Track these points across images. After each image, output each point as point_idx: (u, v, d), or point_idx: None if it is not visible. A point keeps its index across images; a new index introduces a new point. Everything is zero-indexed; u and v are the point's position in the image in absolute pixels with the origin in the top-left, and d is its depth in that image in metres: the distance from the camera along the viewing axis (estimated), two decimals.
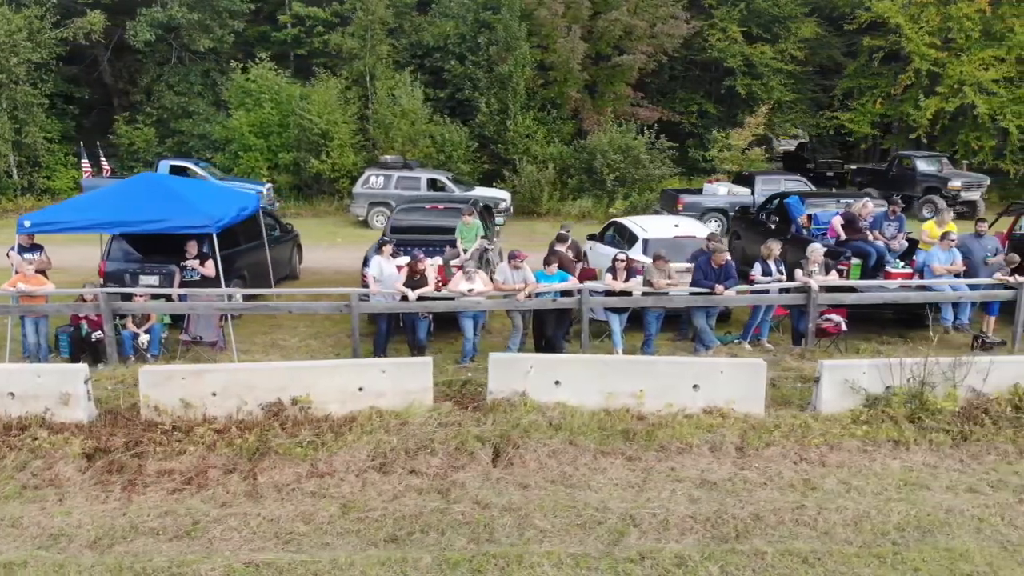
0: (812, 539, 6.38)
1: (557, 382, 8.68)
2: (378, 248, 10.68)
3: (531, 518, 6.57)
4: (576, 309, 10.59)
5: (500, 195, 22.55)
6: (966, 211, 24.59)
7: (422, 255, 10.29)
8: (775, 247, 11.22)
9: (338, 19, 27.94)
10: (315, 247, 18.00)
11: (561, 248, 11.24)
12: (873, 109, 28.19)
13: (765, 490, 7.16)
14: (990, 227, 13.97)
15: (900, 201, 12.86)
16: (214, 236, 10.35)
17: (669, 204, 21.54)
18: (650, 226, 12.87)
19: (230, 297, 10.88)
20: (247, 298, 11.80)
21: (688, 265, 11.10)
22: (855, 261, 11.80)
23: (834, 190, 19.93)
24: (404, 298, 10.11)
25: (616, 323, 10.79)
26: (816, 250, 10.94)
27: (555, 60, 25.06)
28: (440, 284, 10.45)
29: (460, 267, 10.66)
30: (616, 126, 25.09)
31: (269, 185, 22.71)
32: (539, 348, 10.74)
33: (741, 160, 25.91)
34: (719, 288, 10.46)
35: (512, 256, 10.40)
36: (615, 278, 10.65)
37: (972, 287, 11.29)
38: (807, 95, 30.19)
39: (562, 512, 6.68)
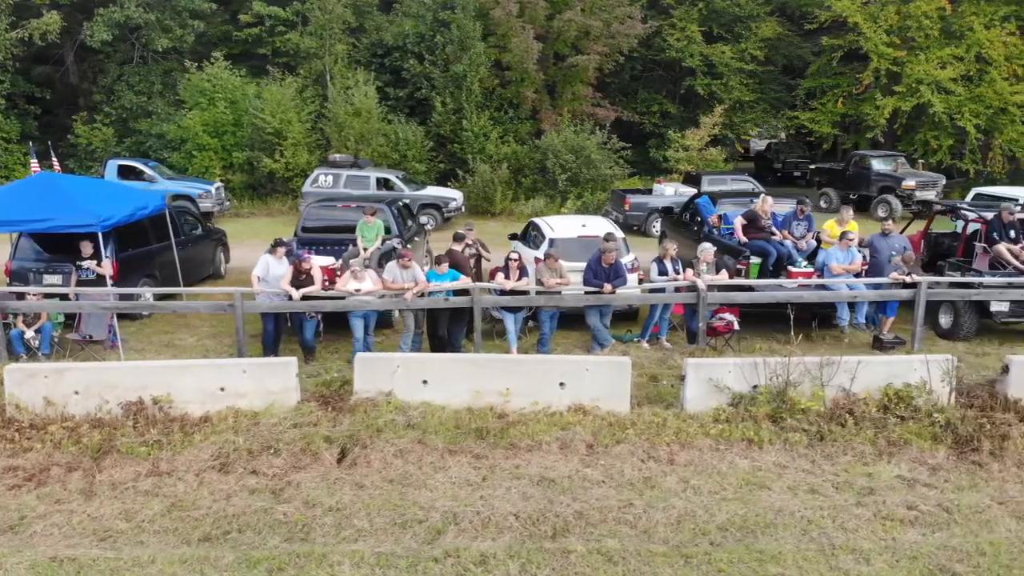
0: (630, 538, 6.37)
1: (425, 381, 8.69)
2: (271, 248, 10.67)
3: (353, 518, 6.57)
4: (472, 308, 10.60)
5: (451, 195, 22.56)
6: (923, 211, 24.57)
7: (307, 254, 10.29)
8: (671, 247, 11.25)
9: (299, 18, 27.98)
10: (259, 246, 18.00)
11: (457, 247, 11.23)
12: (835, 109, 28.10)
13: (601, 488, 7.15)
14: (907, 227, 14.02)
15: (808, 201, 12.83)
16: (99, 235, 10.36)
17: (618, 204, 21.56)
18: (558, 226, 12.86)
19: (123, 297, 10.89)
20: (157, 297, 11.85)
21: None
22: (754, 260, 11.80)
23: (754, 190, 19.86)
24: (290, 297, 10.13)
25: (511, 322, 10.78)
26: (706, 249, 10.95)
27: (511, 60, 25.05)
28: (327, 283, 10.44)
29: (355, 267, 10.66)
30: (573, 126, 25.06)
31: (218, 184, 22.71)
32: (434, 348, 10.75)
33: (697, 160, 25.90)
34: (607, 287, 10.47)
35: (400, 255, 10.41)
36: (507, 277, 10.65)
37: (874, 287, 11.29)
38: (770, 95, 30.11)
39: (387, 511, 6.67)
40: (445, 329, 10.64)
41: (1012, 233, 11.88)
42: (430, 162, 25.20)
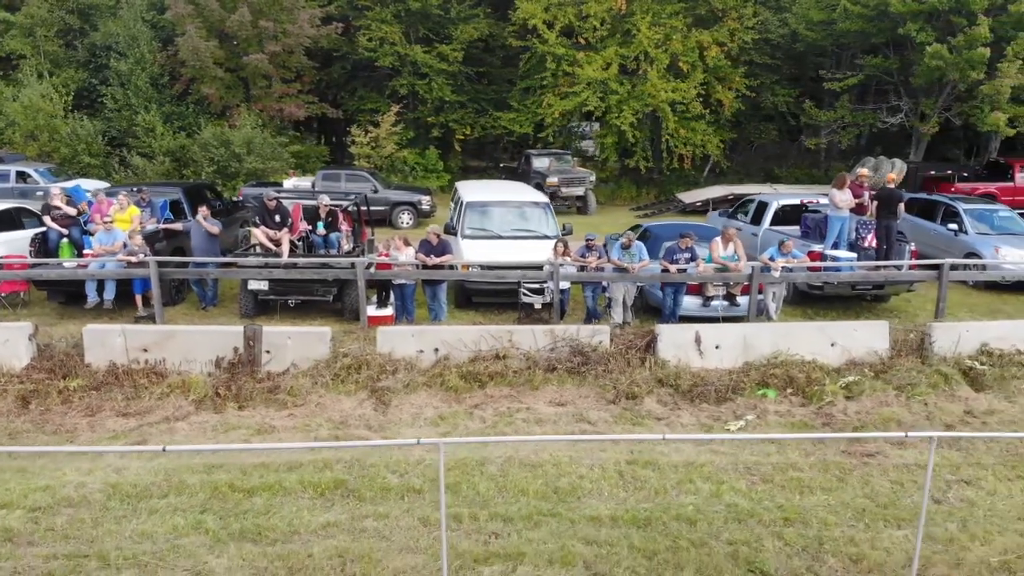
0: None
1: None
2: None
3: None
4: None
5: (91, 187, 23.66)
6: (579, 205, 25.60)
7: None
8: None
9: (31, 20, 29.28)
10: None
11: None
12: (539, 111, 28.81)
13: None
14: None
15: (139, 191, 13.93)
16: None
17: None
18: None
19: None
20: None
21: None
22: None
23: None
24: None
25: None
26: None
27: (185, 58, 26.14)
28: None
29: None
30: (260, 123, 26.15)
31: None
32: None
33: (379, 157, 26.94)
34: None
35: None
36: None
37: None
38: (490, 95, 30.89)
39: None
40: None
41: (278, 218, 12.84)
42: (106, 157, 26.37)
